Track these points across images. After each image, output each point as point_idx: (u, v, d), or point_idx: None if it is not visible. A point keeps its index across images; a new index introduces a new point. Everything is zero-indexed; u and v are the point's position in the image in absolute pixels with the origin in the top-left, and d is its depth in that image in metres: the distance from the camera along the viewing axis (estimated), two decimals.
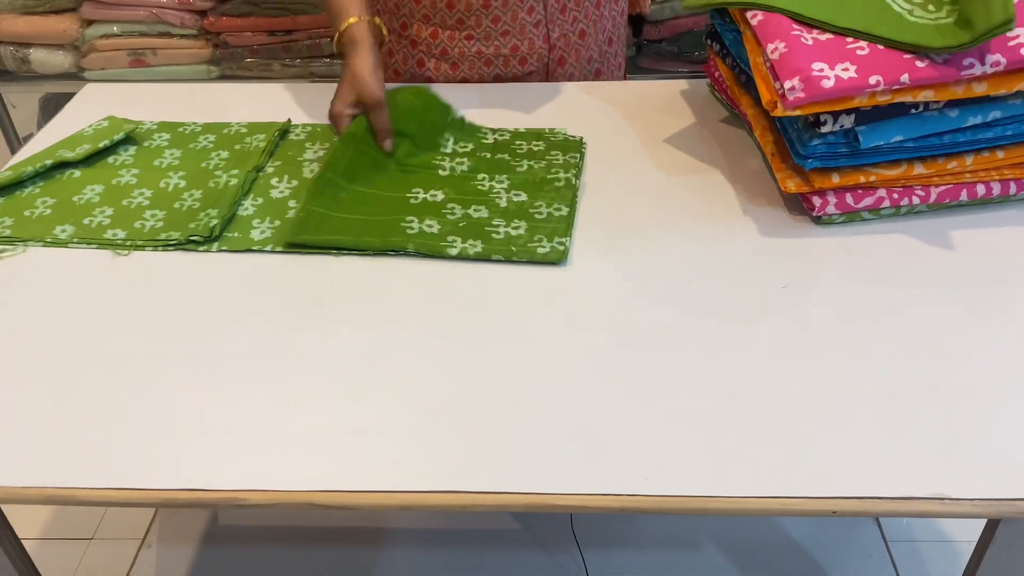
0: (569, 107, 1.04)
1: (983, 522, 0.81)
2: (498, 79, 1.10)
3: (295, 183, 0.90)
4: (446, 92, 1.07)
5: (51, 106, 2.14)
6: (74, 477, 0.61)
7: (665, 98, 1.06)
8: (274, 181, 0.91)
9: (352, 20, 0.91)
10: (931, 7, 0.79)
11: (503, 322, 0.72)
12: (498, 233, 0.81)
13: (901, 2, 0.81)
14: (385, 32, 0.97)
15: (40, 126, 2.16)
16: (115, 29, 1.87)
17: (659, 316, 0.73)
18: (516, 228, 0.82)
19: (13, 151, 2.06)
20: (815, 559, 1.33)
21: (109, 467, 0.61)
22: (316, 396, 0.66)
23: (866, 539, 1.36)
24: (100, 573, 1.37)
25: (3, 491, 0.61)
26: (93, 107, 1.07)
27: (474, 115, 1.01)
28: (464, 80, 1.10)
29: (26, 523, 1.44)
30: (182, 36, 1.88)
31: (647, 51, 1.87)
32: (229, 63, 1.91)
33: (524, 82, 1.11)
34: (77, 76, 1.94)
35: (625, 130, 1.00)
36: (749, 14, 0.86)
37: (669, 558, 1.35)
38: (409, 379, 0.67)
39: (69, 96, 1.13)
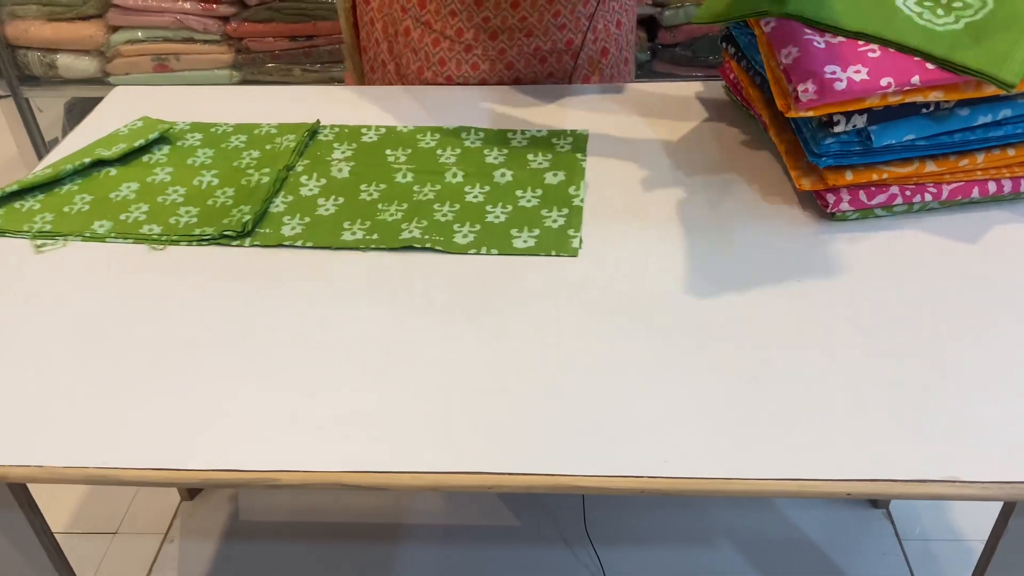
0: (583, 108, 1.06)
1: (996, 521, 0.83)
2: (551, 76, 1.12)
3: (324, 181, 0.93)
4: (464, 94, 1.09)
5: (76, 111, 2.19)
6: (113, 458, 0.63)
7: (680, 99, 1.08)
8: (304, 179, 0.93)
9: None
10: (940, 11, 0.81)
11: (524, 312, 0.75)
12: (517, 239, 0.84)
13: (912, 5, 0.83)
14: None
15: (65, 131, 2.21)
16: (140, 35, 1.91)
17: (676, 308, 0.74)
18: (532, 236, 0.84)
19: (39, 154, 2.10)
20: (829, 558, 1.35)
21: (146, 449, 0.64)
22: (346, 382, 0.68)
23: (880, 538, 1.37)
24: (124, 566, 1.40)
25: (45, 471, 0.63)
26: (122, 109, 1.10)
27: (490, 118, 1.04)
28: (517, 80, 1.12)
29: (52, 517, 1.46)
30: (205, 42, 1.92)
31: (662, 55, 1.89)
32: (251, 68, 1.95)
33: (571, 77, 1.13)
34: (102, 81, 1.98)
35: (641, 130, 1.02)
36: (763, 21, 0.88)
37: (683, 556, 1.36)
38: (435, 366, 0.69)
39: (94, 101, 1.16)
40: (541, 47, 1.09)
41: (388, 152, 0.98)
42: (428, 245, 0.82)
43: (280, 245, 0.84)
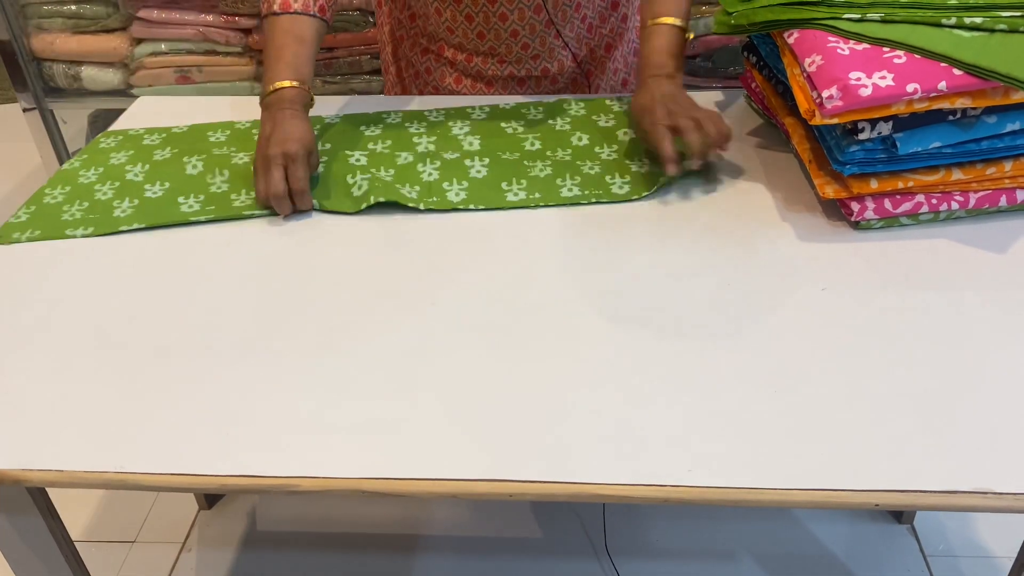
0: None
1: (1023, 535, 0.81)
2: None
3: (457, 155, 0.97)
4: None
5: (99, 122, 2.21)
6: (132, 464, 0.63)
7: None
8: (445, 152, 0.97)
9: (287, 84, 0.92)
10: (967, 20, 0.80)
11: (546, 320, 0.74)
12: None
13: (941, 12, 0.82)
14: (312, 99, 0.96)
15: (89, 141, 2.23)
16: (163, 47, 1.93)
17: (700, 316, 0.74)
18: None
19: None
20: (853, 573, 1.32)
21: (166, 454, 0.63)
22: (366, 387, 0.68)
23: (905, 554, 1.35)
24: (142, 575, 1.39)
25: (64, 475, 0.63)
26: (146, 119, 1.11)
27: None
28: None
29: (70, 525, 1.46)
30: (227, 54, 1.94)
31: None
32: None
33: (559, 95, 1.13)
34: (125, 93, 2.00)
35: None
36: (785, 33, 0.87)
37: (703, 569, 1.34)
38: (455, 373, 0.69)
39: (117, 112, 1.16)
40: (515, 73, 1.09)
41: (503, 124, 1.02)
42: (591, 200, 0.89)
43: (454, 210, 0.88)
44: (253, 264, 0.83)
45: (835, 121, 0.79)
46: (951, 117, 0.79)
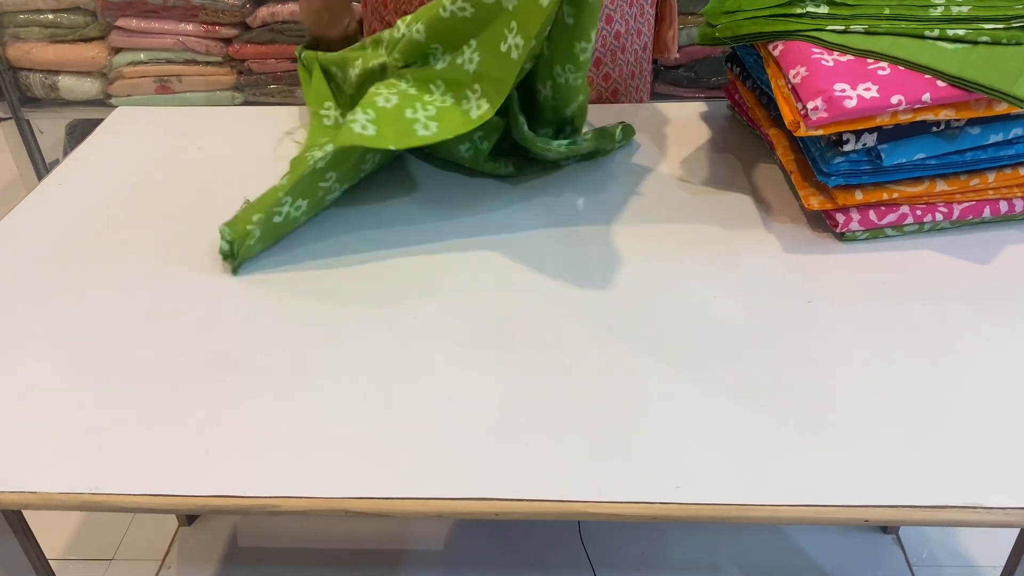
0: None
1: (1008, 547, 0.81)
2: None
3: None
4: None
5: (77, 132, 2.19)
6: (108, 484, 0.61)
7: (685, 120, 1.07)
8: None
9: None
10: (950, 32, 0.80)
11: (532, 335, 0.73)
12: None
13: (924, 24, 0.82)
14: None
15: (66, 152, 2.20)
16: (142, 57, 1.91)
17: (686, 329, 0.73)
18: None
19: (40, 176, 2.10)
20: None
21: (143, 474, 0.62)
22: (349, 405, 0.67)
23: (890, 564, 1.35)
24: None
25: (38, 497, 0.61)
26: (124, 130, 1.10)
27: None
28: None
29: (48, 543, 1.44)
30: (207, 63, 1.92)
31: (664, 77, 1.89)
32: (253, 89, 1.95)
33: None
34: (103, 103, 1.98)
35: (646, 150, 1.01)
36: (770, 45, 0.87)
37: None
38: (441, 389, 0.68)
39: (95, 122, 1.15)
40: None
41: None
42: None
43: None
44: (231, 279, 0.82)
45: (820, 132, 0.79)
46: (935, 129, 0.80)
